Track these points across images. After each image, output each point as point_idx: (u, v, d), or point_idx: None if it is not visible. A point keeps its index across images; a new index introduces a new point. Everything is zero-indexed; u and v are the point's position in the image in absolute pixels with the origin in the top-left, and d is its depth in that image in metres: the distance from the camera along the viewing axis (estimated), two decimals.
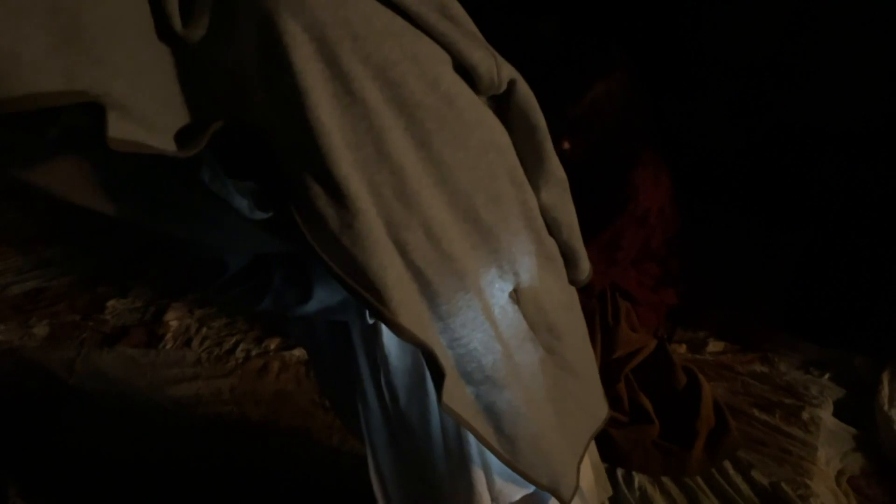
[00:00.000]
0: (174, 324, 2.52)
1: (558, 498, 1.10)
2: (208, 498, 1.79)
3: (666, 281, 2.01)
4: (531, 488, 1.15)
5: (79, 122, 0.64)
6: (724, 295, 2.33)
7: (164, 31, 0.69)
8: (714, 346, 2.22)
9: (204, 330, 2.48)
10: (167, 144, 0.67)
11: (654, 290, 1.98)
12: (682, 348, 2.22)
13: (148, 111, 0.66)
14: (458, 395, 0.93)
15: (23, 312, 2.62)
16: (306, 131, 0.73)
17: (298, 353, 2.30)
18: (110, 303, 2.66)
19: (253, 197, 0.80)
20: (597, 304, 1.90)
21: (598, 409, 1.24)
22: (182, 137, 0.69)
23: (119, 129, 0.62)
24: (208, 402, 2.13)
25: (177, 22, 0.69)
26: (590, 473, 1.33)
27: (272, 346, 2.36)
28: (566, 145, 1.71)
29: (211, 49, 0.71)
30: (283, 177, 0.77)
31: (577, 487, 1.14)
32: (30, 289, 2.79)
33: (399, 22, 0.79)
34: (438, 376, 0.88)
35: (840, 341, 2.15)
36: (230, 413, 2.08)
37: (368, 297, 0.79)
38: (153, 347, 2.39)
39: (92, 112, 0.60)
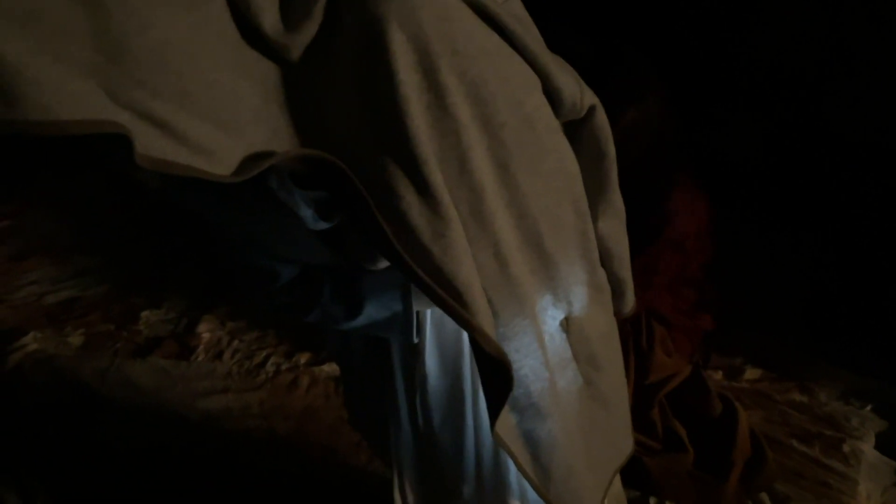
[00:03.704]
0: (206, 336, 2.54)
1: None
2: None
3: (702, 306, 1.97)
4: None
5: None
6: (756, 318, 2.28)
7: (255, 45, 0.70)
8: (751, 373, 2.18)
9: (235, 343, 2.49)
10: (212, 166, 0.66)
11: (690, 315, 1.95)
12: (718, 375, 2.17)
13: (196, 131, 0.65)
14: (502, 420, 0.92)
15: (58, 321, 2.65)
16: (403, 140, 0.73)
17: (328, 368, 2.30)
18: (144, 314, 2.69)
19: (318, 207, 0.80)
20: (630, 328, 1.87)
21: (623, 444, 1.20)
22: (241, 161, 0.69)
23: (155, 147, 0.62)
24: (237, 416, 2.13)
25: (277, 30, 0.69)
26: None
27: (302, 361, 2.37)
28: None
29: (307, 60, 0.72)
30: (364, 192, 0.75)
31: None
32: (65, 298, 2.84)
33: (495, 40, 0.80)
34: (506, 390, 0.84)
35: (880, 371, 2.09)
36: (258, 427, 2.09)
37: (455, 306, 0.77)
38: (185, 359, 2.41)
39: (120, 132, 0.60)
